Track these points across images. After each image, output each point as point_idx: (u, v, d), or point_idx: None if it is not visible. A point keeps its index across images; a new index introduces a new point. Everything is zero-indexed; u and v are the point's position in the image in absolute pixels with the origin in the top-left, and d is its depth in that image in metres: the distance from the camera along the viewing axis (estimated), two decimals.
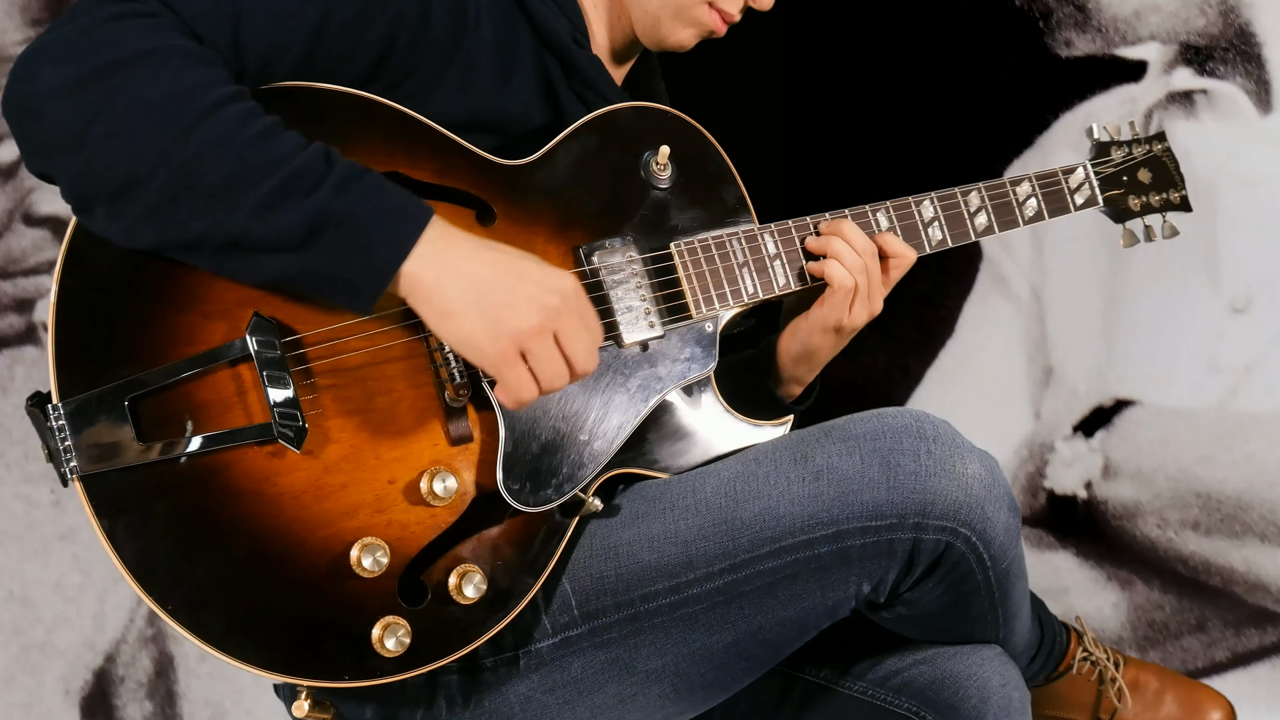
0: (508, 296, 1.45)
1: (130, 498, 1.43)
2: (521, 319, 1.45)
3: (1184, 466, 2.94)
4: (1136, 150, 2.05)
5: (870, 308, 1.78)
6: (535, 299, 1.46)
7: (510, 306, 1.45)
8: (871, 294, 1.78)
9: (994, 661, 1.76)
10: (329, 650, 1.48)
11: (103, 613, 2.85)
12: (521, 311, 1.45)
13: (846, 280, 1.75)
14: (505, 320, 1.45)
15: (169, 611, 1.42)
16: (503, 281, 1.46)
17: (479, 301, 1.45)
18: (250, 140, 1.41)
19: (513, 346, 1.46)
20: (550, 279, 1.48)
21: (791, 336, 1.82)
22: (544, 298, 1.46)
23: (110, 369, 1.44)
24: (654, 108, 1.75)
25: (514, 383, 1.48)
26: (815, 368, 1.85)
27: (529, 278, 1.47)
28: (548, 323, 1.47)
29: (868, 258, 1.77)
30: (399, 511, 1.52)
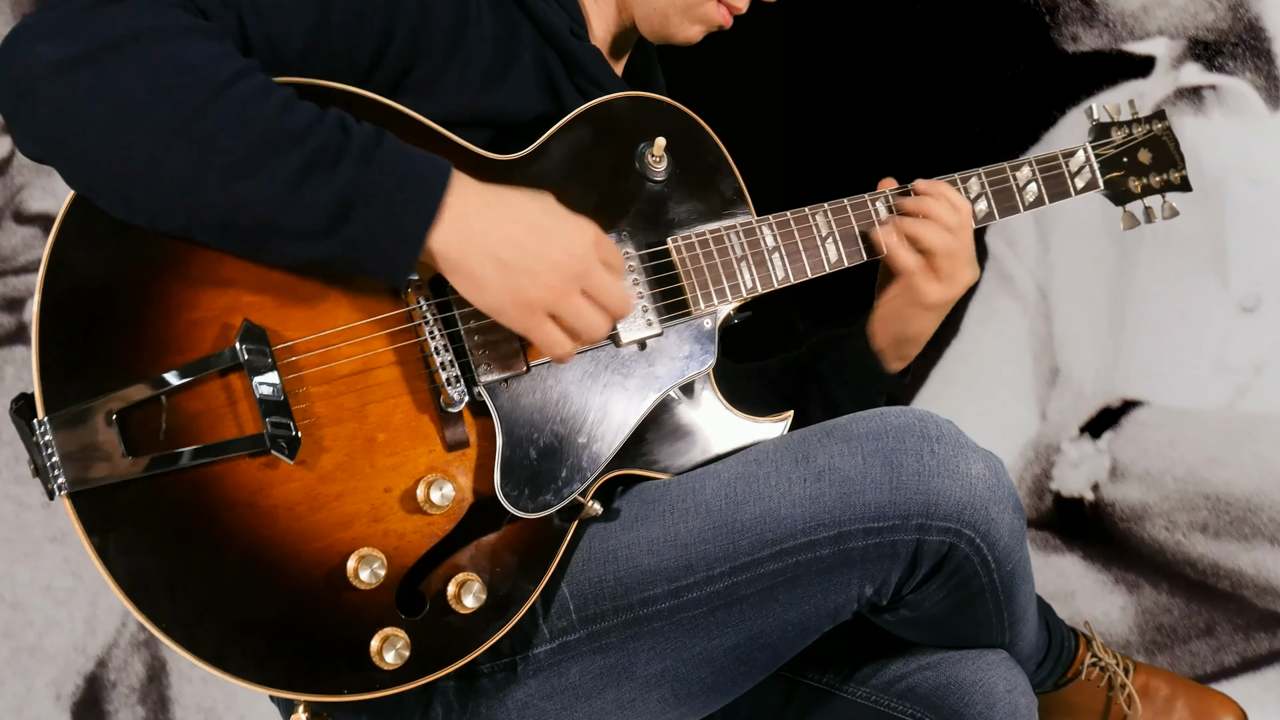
0: (531, 262, 1.47)
1: (120, 513, 1.41)
2: (544, 285, 1.47)
3: (1192, 468, 2.94)
4: (1137, 130, 2.05)
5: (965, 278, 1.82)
6: (557, 263, 1.48)
7: (533, 274, 1.47)
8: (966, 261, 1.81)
9: (1000, 666, 1.75)
10: (327, 664, 1.48)
11: (94, 616, 2.85)
12: (545, 278, 1.47)
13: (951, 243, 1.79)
14: (528, 288, 1.47)
15: (163, 628, 1.42)
16: (525, 245, 1.47)
17: (502, 271, 1.46)
18: (270, 114, 1.40)
19: (541, 310, 1.49)
20: (570, 236, 1.50)
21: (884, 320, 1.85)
22: (566, 261, 1.48)
23: (97, 380, 1.42)
24: (649, 97, 1.75)
25: (545, 342, 1.51)
26: (920, 344, 1.88)
27: (551, 238, 1.48)
28: (572, 283, 1.49)
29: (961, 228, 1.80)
30: (396, 520, 1.51)
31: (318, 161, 1.40)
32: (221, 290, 1.47)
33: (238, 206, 1.40)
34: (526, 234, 1.48)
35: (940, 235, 1.79)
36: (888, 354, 1.87)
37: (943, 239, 1.79)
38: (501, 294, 1.47)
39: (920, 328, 1.84)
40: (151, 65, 1.38)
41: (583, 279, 1.50)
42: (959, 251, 1.80)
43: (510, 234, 1.47)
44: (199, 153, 1.38)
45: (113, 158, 1.38)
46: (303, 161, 1.40)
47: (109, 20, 1.39)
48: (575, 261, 1.49)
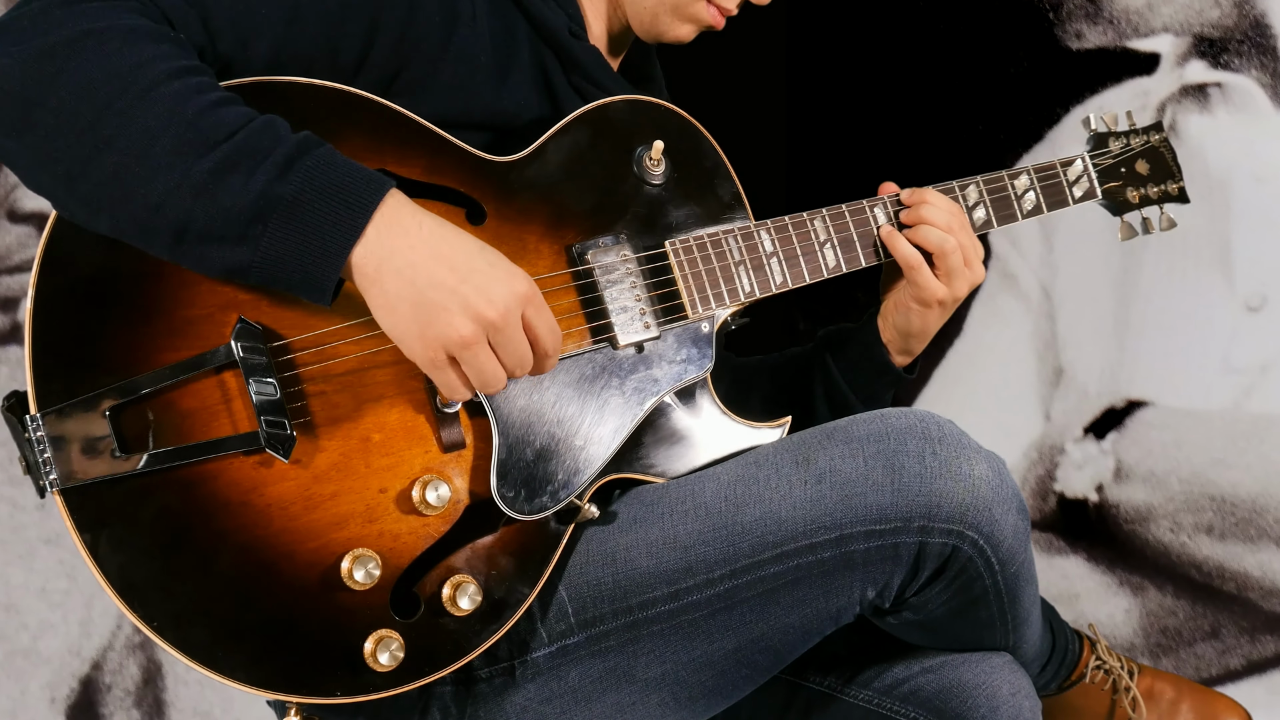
0: (444, 298, 1.41)
1: (112, 510, 1.41)
2: (453, 326, 1.41)
3: (1197, 469, 2.93)
4: (1134, 141, 2.06)
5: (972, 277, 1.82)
6: (472, 307, 1.41)
7: (444, 310, 1.41)
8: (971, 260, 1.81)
9: (1004, 670, 1.75)
10: (320, 665, 1.47)
11: (89, 619, 2.85)
12: (455, 319, 1.41)
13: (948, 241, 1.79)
14: (435, 324, 1.41)
15: (154, 628, 1.41)
16: (444, 281, 1.41)
17: (415, 300, 1.41)
18: (194, 114, 1.38)
19: (441, 352, 1.43)
20: (496, 284, 1.43)
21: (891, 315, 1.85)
22: (482, 307, 1.42)
23: (90, 377, 1.42)
24: (647, 100, 1.75)
25: (442, 384, 1.46)
26: (925, 339, 1.88)
27: (473, 280, 1.42)
28: (479, 333, 1.42)
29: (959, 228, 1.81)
30: (391, 521, 1.51)
31: (236, 163, 1.37)
32: (217, 287, 1.46)
33: (155, 207, 1.37)
34: (448, 270, 1.41)
35: (936, 234, 1.80)
36: (893, 348, 1.88)
37: (939, 237, 1.79)
38: (408, 324, 1.42)
39: (924, 324, 1.85)
40: (86, 69, 1.37)
41: (493, 332, 1.43)
42: (957, 251, 1.81)
43: (433, 265, 1.41)
44: (122, 155, 1.37)
45: (51, 161, 1.38)
46: (220, 162, 1.37)
47: (56, 23, 1.39)
48: (491, 309, 1.42)
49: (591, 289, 1.64)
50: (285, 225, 1.38)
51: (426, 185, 1.58)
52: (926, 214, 1.80)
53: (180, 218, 1.38)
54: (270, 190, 1.37)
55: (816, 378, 1.91)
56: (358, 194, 1.40)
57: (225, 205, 1.37)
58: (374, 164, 1.52)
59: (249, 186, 1.37)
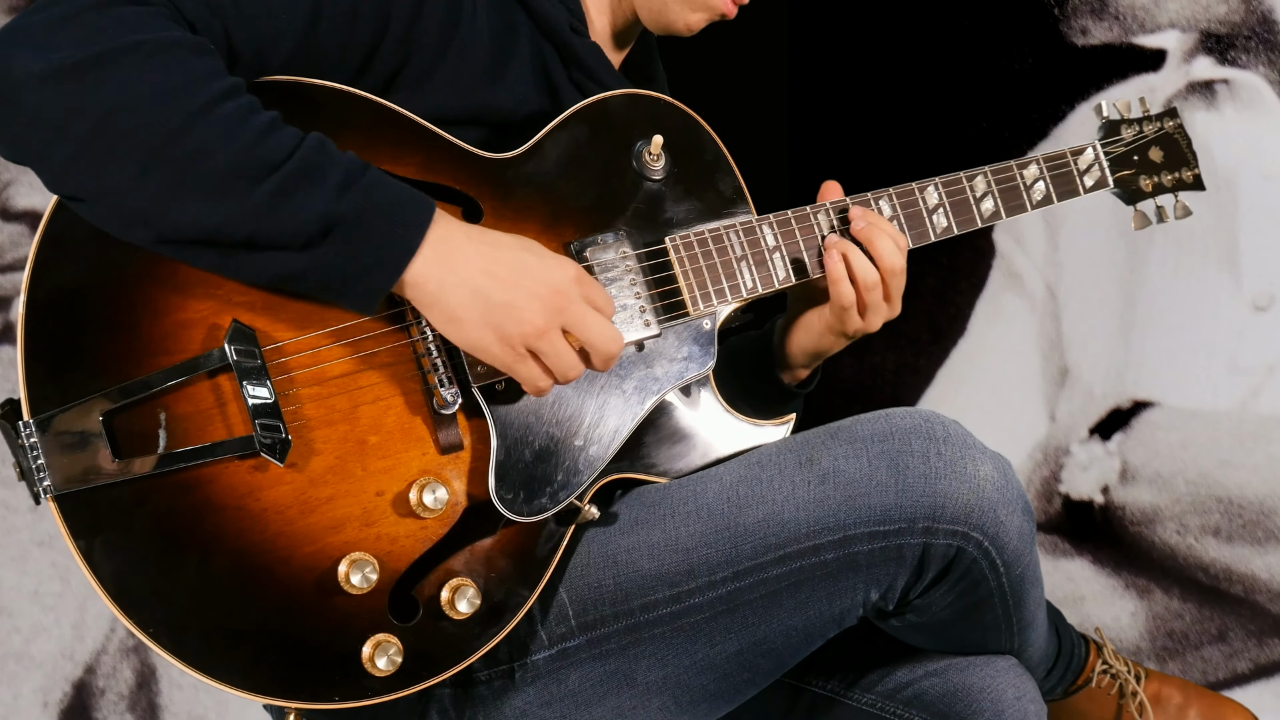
0: (510, 297, 1.47)
1: (107, 516, 1.41)
2: (525, 321, 1.48)
3: (1204, 470, 2.93)
4: (1147, 128, 2.04)
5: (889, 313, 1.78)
6: (537, 297, 1.48)
7: (513, 308, 1.48)
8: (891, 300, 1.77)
9: (1009, 673, 1.75)
10: (318, 670, 1.48)
11: (82, 622, 2.85)
12: (524, 313, 1.48)
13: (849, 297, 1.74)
14: (508, 324, 1.48)
15: (150, 634, 1.42)
16: (505, 281, 1.48)
17: (483, 306, 1.47)
18: (252, 137, 1.40)
19: (521, 347, 1.49)
20: (550, 272, 1.50)
21: (804, 332, 1.82)
22: (546, 295, 1.49)
23: (83, 382, 1.42)
24: (646, 95, 1.75)
25: (527, 378, 1.52)
26: (822, 358, 1.86)
27: (530, 274, 1.49)
28: (552, 320, 1.49)
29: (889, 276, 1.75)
30: (388, 524, 1.51)
31: (300, 180, 1.41)
32: (210, 291, 1.47)
33: (215, 227, 1.40)
34: (505, 269, 1.48)
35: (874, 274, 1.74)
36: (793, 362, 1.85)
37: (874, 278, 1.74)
38: (481, 329, 1.48)
39: (829, 346, 1.82)
40: (134, 82, 1.38)
41: (562, 314, 1.50)
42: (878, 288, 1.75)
43: (488, 268, 1.48)
44: (177, 174, 1.38)
45: (89, 171, 1.39)
46: (283, 182, 1.40)
47: (94, 31, 1.39)
48: (555, 296, 1.50)
49: None
50: (345, 241, 1.42)
51: (420, 183, 1.57)
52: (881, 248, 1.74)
53: (240, 233, 1.41)
54: (331, 209, 1.41)
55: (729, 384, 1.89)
56: (412, 213, 1.45)
57: (288, 223, 1.41)
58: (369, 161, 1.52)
59: (311, 205, 1.40)
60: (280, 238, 1.41)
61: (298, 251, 1.42)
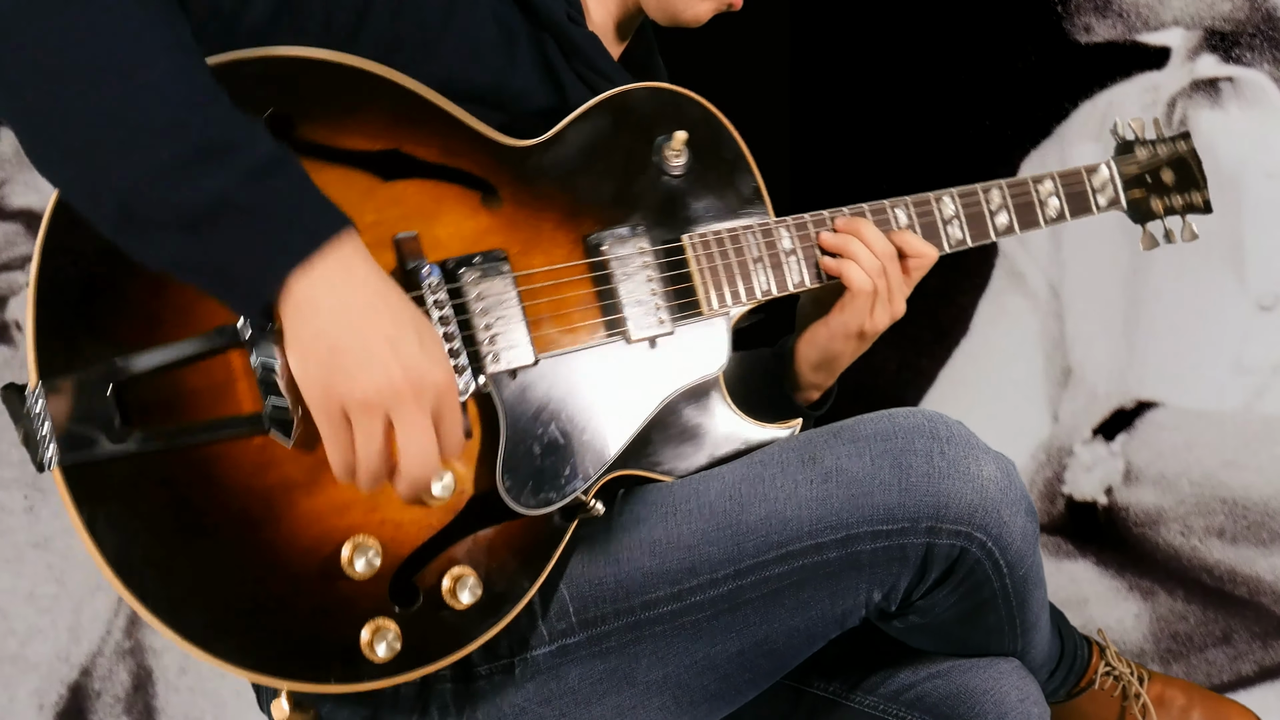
0: (359, 354, 1.34)
1: (111, 488, 1.40)
2: (359, 383, 1.34)
3: (1209, 471, 2.94)
4: (1161, 150, 2.06)
5: (892, 310, 1.79)
6: (384, 370, 1.34)
7: (359, 366, 1.34)
8: (893, 296, 1.79)
9: (1012, 675, 1.75)
10: (315, 652, 1.47)
11: (78, 624, 2.85)
12: (360, 376, 1.34)
13: (865, 284, 1.76)
14: (344, 376, 1.34)
15: (150, 608, 1.40)
16: (367, 336, 1.34)
17: (335, 343, 1.34)
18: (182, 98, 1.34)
19: (337, 407, 1.35)
20: (422, 362, 1.36)
21: (810, 343, 1.83)
22: (395, 374, 1.34)
23: (94, 352, 1.41)
24: (670, 89, 1.75)
25: (330, 446, 1.38)
26: (834, 374, 1.86)
27: (400, 349, 1.35)
28: (383, 400, 1.34)
29: (887, 260, 1.77)
30: (393, 510, 1.50)
31: (208, 156, 1.33)
32: None
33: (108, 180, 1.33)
34: (376, 329, 1.34)
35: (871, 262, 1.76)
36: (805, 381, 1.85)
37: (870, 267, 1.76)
38: (318, 366, 1.34)
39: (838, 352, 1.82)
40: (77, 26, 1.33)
41: (395, 403, 1.35)
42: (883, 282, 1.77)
43: (367, 316, 1.35)
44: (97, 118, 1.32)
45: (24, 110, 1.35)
46: (189, 151, 1.32)
47: None
48: (406, 383, 1.34)
49: (606, 280, 1.64)
50: (233, 231, 1.33)
51: (441, 167, 1.56)
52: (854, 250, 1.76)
53: (131, 194, 1.33)
54: (229, 193, 1.33)
55: None
56: (316, 222, 1.35)
57: (182, 196, 1.32)
58: (388, 142, 1.52)
59: (208, 184, 1.32)
60: (169, 210, 1.32)
61: (182, 231, 1.33)
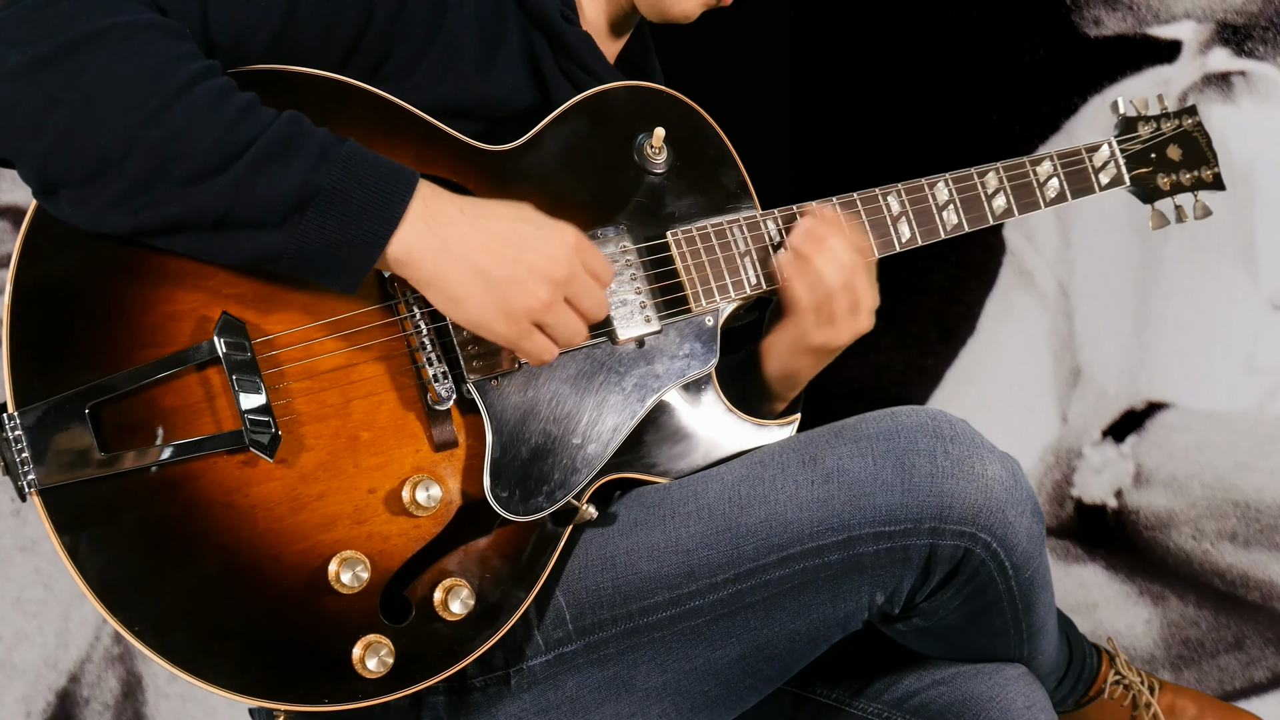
0: (512, 272, 1.48)
1: (93, 511, 1.42)
2: (531, 295, 1.49)
3: (1220, 473, 2.94)
4: (1165, 125, 2.05)
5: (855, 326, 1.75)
6: (541, 271, 1.49)
7: (518, 283, 1.49)
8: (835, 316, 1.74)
9: (1018, 682, 1.75)
10: (307, 672, 1.48)
11: (66, 629, 2.85)
12: (530, 288, 1.49)
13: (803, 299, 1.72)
14: (514, 299, 1.49)
15: (135, 632, 1.42)
16: (504, 256, 1.48)
17: (484, 283, 1.48)
18: (230, 116, 1.42)
19: (527, 322, 1.50)
20: (551, 243, 1.51)
21: (770, 354, 1.80)
22: (550, 268, 1.50)
23: (70, 374, 1.43)
24: (648, 87, 1.75)
25: (533, 352, 1.53)
26: (797, 386, 1.83)
27: (530, 246, 1.49)
28: (557, 293, 1.50)
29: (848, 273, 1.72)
30: (380, 523, 1.51)
31: (275, 154, 1.41)
32: (200, 282, 1.47)
33: (190, 208, 1.41)
34: (503, 243, 1.49)
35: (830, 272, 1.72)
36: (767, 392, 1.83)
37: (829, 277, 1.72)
38: (485, 306, 1.48)
39: (800, 367, 1.79)
40: (108, 68, 1.40)
41: (567, 287, 1.51)
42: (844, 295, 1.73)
43: (487, 243, 1.48)
44: (154, 157, 1.40)
45: (68, 160, 1.40)
46: (258, 157, 1.41)
47: (64, 19, 1.41)
48: (558, 267, 1.50)
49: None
50: (324, 213, 1.42)
51: None
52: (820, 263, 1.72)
53: (215, 212, 1.41)
54: (309, 180, 1.41)
55: None
56: (392, 184, 1.45)
57: (264, 197, 1.41)
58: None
59: (287, 177, 1.41)
60: (257, 214, 1.41)
61: (275, 228, 1.42)
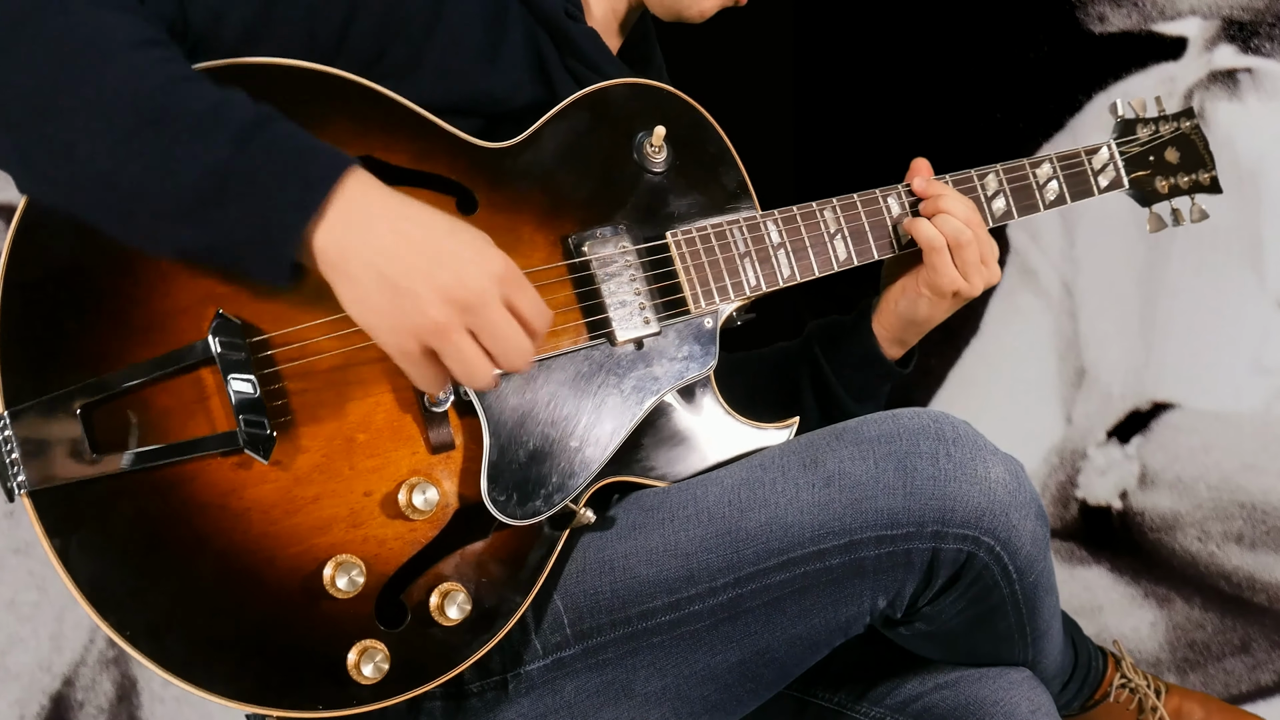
0: (415, 284, 1.38)
1: (84, 514, 1.41)
2: (425, 313, 1.38)
3: (1227, 475, 2.94)
4: (1164, 128, 2.06)
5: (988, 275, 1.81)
6: (446, 290, 1.39)
7: (415, 297, 1.38)
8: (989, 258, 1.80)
9: (1022, 686, 1.75)
10: (301, 677, 1.48)
11: (60, 632, 2.85)
12: (426, 304, 1.38)
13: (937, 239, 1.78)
14: (405, 313, 1.39)
15: (127, 637, 1.41)
16: (410, 265, 1.38)
17: (382, 284, 1.38)
18: (155, 87, 1.37)
19: (414, 341, 1.40)
20: (468, 265, 1.40)
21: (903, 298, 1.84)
22: (455, 290, 1.39)
23: (61, 374, 1.42)
24: (648, 84, 1.75)
25: (418, 378, 1.44)
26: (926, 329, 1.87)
27: (445, 263, 1.39)
28: (455, 319, 1.39)
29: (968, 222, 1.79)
30: (376, 526, 1.51)
31: (192, 135, 1.36)
32: (194, 280, 1.47)
33: (107, 180, 1.37)
34: (416, 252, 1.39)
35: (954, 224, 1.79)
36: (888, 336, 1.87)
37: (956, 227, 1.79)
38: (379, 312, 1.40)
39: (932, 313, 1.84)
40: (44, 32, 1.37)
41: (470, 315, 1.40)
42: (974, 244, 1.80)
43: (399, 249, 1.38)
44: (75, 121, 1.36)
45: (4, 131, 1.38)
46: (176, 134, 1.36)
47: None
48: (465, 292, 1.39)
49: (588, 282, 1.64)
50: (239, 201, 1.36)
51: (414, 173, 1.58)
52: (945, 205, 1.80)
53: (132, 193, 1.37)
54: (224, 165, 1.36)
55: (804, 373, 1.91)
56: (316, 170, 1.39)
57: (179, 180, 1.35)
58: (359, 150, 1.53)
59: (202, 160, 1.35)
60: (171, 196, 1.36)
61: (190, 214, 1.37)
